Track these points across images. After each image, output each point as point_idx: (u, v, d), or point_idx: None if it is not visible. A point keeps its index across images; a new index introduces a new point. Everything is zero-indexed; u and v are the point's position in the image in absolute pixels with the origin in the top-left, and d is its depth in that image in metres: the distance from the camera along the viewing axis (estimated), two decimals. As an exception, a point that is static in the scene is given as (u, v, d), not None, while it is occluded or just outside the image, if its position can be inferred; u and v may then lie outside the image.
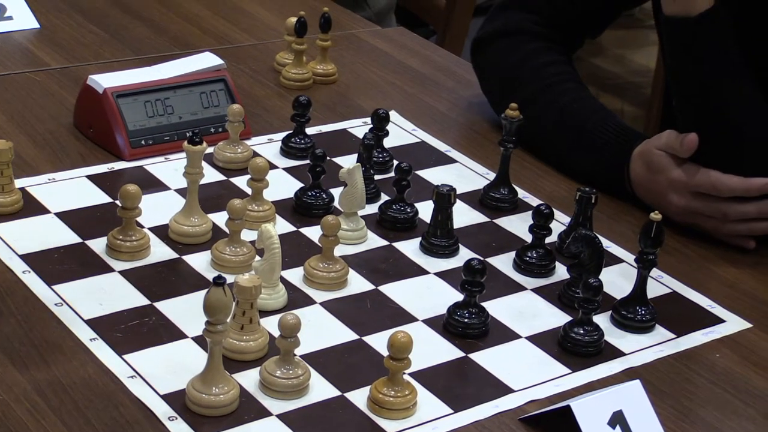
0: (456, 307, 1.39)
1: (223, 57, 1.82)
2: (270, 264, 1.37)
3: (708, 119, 1.60)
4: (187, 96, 1.71)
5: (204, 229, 1.49)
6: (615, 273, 1.52)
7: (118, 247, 1.43)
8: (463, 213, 1.61)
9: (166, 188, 1.60)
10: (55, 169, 1.61)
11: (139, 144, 1.66)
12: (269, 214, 1.53)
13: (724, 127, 1.60)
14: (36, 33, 2.01)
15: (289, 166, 1.69)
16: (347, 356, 1.32)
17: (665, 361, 1.39)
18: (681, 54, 1.61)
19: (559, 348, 1.38)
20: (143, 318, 1.34)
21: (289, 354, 1.25)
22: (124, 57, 1.95)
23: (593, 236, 1.42)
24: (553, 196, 1.69)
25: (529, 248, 1.52)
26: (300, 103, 1.69)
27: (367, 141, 1.60)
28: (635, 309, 1.43)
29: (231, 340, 1.28)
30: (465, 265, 1.36)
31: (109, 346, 1.29)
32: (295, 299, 1.40)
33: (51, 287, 1.37)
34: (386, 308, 1.41)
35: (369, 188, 1.61)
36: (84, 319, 1.33)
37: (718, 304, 1.50)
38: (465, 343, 1.37)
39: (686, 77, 1.62)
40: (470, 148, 1.80)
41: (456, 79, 2.02)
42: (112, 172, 1.62)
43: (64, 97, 1.79)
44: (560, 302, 1.46)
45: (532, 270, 1.51)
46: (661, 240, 1.41)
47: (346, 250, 1.50)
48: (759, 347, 1.44)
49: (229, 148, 1.67)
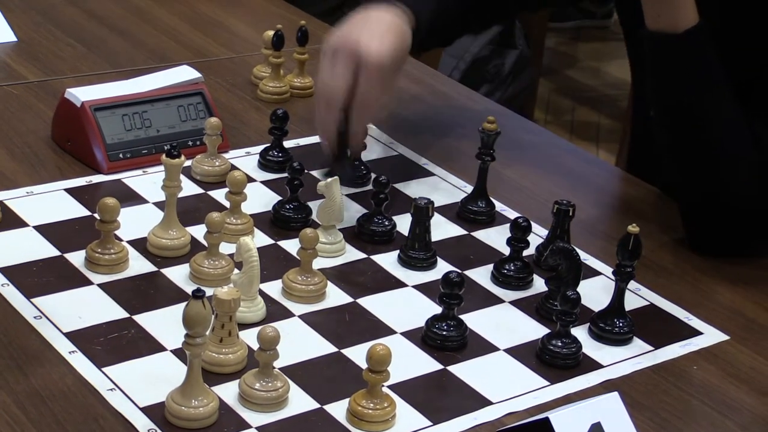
0: (434, 319, 1.39)
1: (201, 70, 1.82)
2: (248, 277, 1.37)
3: (687, 133, 1.61)
4: (165, 109, 1.71)
5: (182, 242, 1.49)
6: (593, 285, 1.53)
7: (96, 260, 1.43)
8: (440, 226, 1.62)
9: (145, 201, 1.60)
10: (34, 183, 1.61)
11: (117, 157, 1.66)
12: (247, 227, 1.53)
13: (702, 141, 1.61)
14: (13, 46, 2.01)
15: (267, 179, 1.69)
16: (326, 369, 1.32)
17: (643, 373, 1.40)
18: (664, 69, 1.61)
19: (537, 360, 1.38)
20: (122, 331, 1.34)
21: (268, 367, 1.25)
22: (102, 70, 1.95)
23: (571, 249, 1.43)
24: (530, 208, 1.70)
25: (507, 261, 1.52)
26: (277, 117, 1.70)
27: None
28: (613, 321, 1.44)
29: (210, 352, 1.28)
30: (443, 278, 1.37)
31: (88, 359, 1.29)
32: (273, 312, 1.40)
33: (30, 300, 1.37)
34: (365, 321, 1.42)
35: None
36: (63, 332, 1.32)
37: (696, 317, 1.51)
38: (443, 356, 1.37)
39: (668, 91, 1.62)
40: (448, 161, 1.81)
41: (433, 92, 2.03)
42: (90, 185, 1.62)
43: (42, 111, 1.79)
44: (538, 315, 1.47)
45: (509, 282, 1.51)
46: (638, 253, 1.42)
47: (324, 263, 1.50)
48: (736, 359, 1.44)
49: (207, 162, 1.67)
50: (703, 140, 1.61)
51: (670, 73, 1.61)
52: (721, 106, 1.60)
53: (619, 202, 1.81)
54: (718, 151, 1.61)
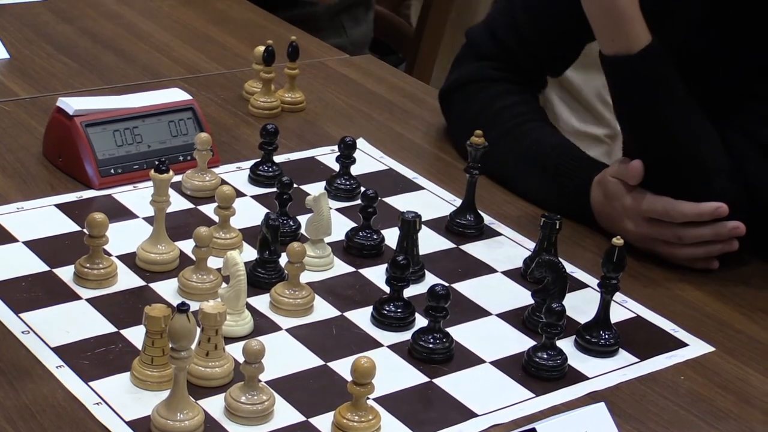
0: (420, 332, 1.40)
1: (192, 86, 1.83)
2: (236, 291, 1.38)
3: (656, 150, 1.62)
4: (156, 125, 1.73)
5: (171, 256, 1.50)
6: (579, 298, 1.53)
7: (85, 275, 1.44)
8: (429, 239, 1.63)
9: (135, 216, 1.61)
10: (25, 198, 1.62)
11: (109, 173, 1.67)
12: (236, 241, 1.54)
13: (672, 157, 1.62)
14: (5, 63, 2.02)
15: (257, 193, 1.70)
16: (312, 382, 1.33)
17: (630, 383, 1.40)
18: (625, 90, 1.63)
19: (523, 372, 1.39)
20: (110, 345, 1.35)
21: (253, 380, 1.25)
22: (94, 86, 1.96)
23: (557, 262, 1.43)
24: (518, 221, 1.71)
25: (388, 301, 1.46)
26: (267, 132, 1.71)
27: (271, 222, 1.48)
28: (599, 333, 1.45)
29: (196, 366, 1.29)
30: (429, 291, 1.38)
31: (75, 374, 1.29)
32: (261, 326, 1.41)
33: (18, 315, 1.38)
34: (351, 334, 1.42)
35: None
36: (51, 347, 1.33)
37: (682, 328, 1.51)
38: (429, 368, 1.38)
39: (632, 112, 1.64)
40: (437, 174, 1.82)
41: (424, 107, 2.04)
42: (81, 200, 1.63)
43: (34, 127, 1.80)
44: (524, 327, 1.47)
45: (390, 324, 1.44)
46: (623, 265, 1.43)
47: (312, 276, 1.51)
48: (722, 369, 1.45)
49: (197, 177, 1.68)
50: (673, 155, 1.62)
51: (632, 93, 1.63)
52: (686, 120, 1.61)
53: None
54: (690, 163, 1.62)
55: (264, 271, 1.48)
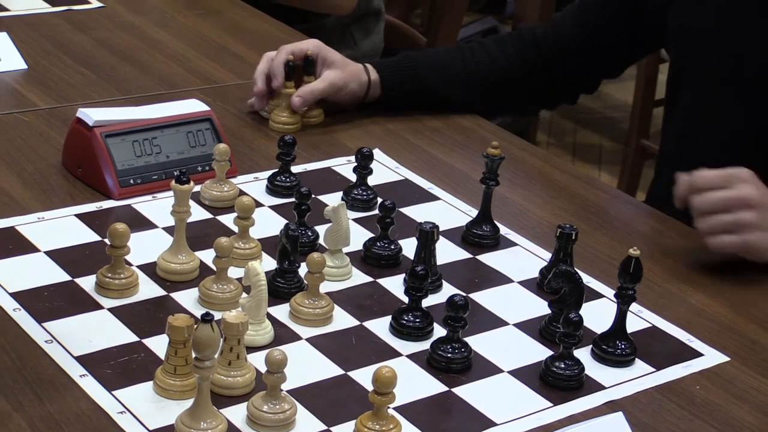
0: (439, 342, 1.41)
1: (208, 96, 1.84)
2: (256, 300, 1.39)
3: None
4: (174, 135, 1.74)
5: (191, 266, 1.51)
6: (595, 308, 1.55)
7: (107, 285, 1.46)
8: (446, 249, 1.64)
9: (154, 226, 1.62)
10: (45, 208, 1.63)
11: (128, 183, 1.68)
12: (255, 251, 1.55)
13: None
14: (24, 74, 2.04)
15: (274, 204, 1.72)
16: (333, 391, 1.35)
17: (647, 393, 1.42)
18: None
19: (540, 382, 1.40)
20: (132, 354, 1.36)
21: (275, 389, 1.27)
22: (112, 97, 1.98)
23: (573, 272, 1.45)
24: (534, 232, 1.72)
25: (406, 311, 1.47)
26: (285, 142, 1.72)
27: (291, 232, 1.50)
28: (615, 343, 1.46)
29: (219, 375, 1.30)
30: (448, 301, 1.39)
31: (98, 382, 1.31)
32: (281, 335, 1.43)
33: (41, 324, 1.39)
34: (371, 343, 1.44)
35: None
36: (74, 356, 1.35)
37: (697, 338, 1.53)
38: (448, 378, 1.39)
39: None
40: (453, 185, 1.83)
41: (438, 117, 2.05)
42: (100, 210, 1.65)
43: (53, 137, 1.81)
44: (542, 337, 1.49)
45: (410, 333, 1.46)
46: (639, 276, 1.44)
47: (331, 286, 1.52)
48: (738, 379, 1.46)
49: (215, 187, 1.69)
50: None
51: None
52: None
53: (622, 225, 1.83)
54: None
55: (284, 281, 1.50)
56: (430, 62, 2.03)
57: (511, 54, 2.04)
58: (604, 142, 4.52)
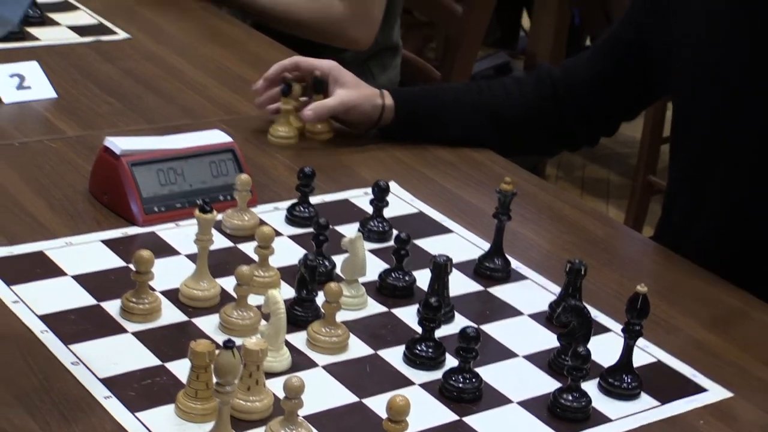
0: (451, 372, 1.45)
1: (231, 127, 1.89)
2: (275, 328, 1.44)
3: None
4: (198, 165, 1.79)
5: (213, 293, 1.56)
6: (603, 342, 1.58)
7: (131, 309, 1.50)
8: (458, 282, 1.68)
9: (177, 253, 1.67)
10: (72, 233, 1.68)
11: (152, 210, 1.73)
12: (274, 279, 1.60)
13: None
14: (53, 102, 2.09)
15: (293, 234, 1.76)
16: (347, 418, 1.38)
17: (651, 426, 1.45)
18: None
19: (548, 413, 1.44)
20: (155, 377, 1.40)
21: (293, 414, 1.31)
22: (137, 126, 2.03)
23: (582, 307, 1.48)
24: (544, 266, 1.76)
25: (419, 341, 1.51)
26: (305, 174, 1.77)
27: (309, 262, 1.54)
28: (622, 377, 1.50)
29: (238, 400, 1.34)
30: (460, 333, 1.43)
31: (122, 404, 1.35)
32: (298, 362, 1.47)
33: (67, 346, 1.44)
34: (385, 372, 1.48)
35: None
36: (99, 378, 1.39)
37: (701, 373, 1.56)
38: (459, 407, 1.43)
39: None
40: (466, 219, 1.87)
41: (453, 152, 2.10)
42: (126, 237, 1.69)
43: (80, 165, 1.86)
44: (550, 369, 1.52)
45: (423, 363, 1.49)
46: (646, 311, 1.48)
47: (347, 315, 1.57)
48: (741, 415, 1.49)
49: (236, 216, 1.74)
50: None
51: None
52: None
53: (630, 261, 1.87)
54: None
55: (301, 309, 1.54)
56: (445, 93, 2.10)
57: (527, 92, 2.08)
58: (612, 177, 4.55)
